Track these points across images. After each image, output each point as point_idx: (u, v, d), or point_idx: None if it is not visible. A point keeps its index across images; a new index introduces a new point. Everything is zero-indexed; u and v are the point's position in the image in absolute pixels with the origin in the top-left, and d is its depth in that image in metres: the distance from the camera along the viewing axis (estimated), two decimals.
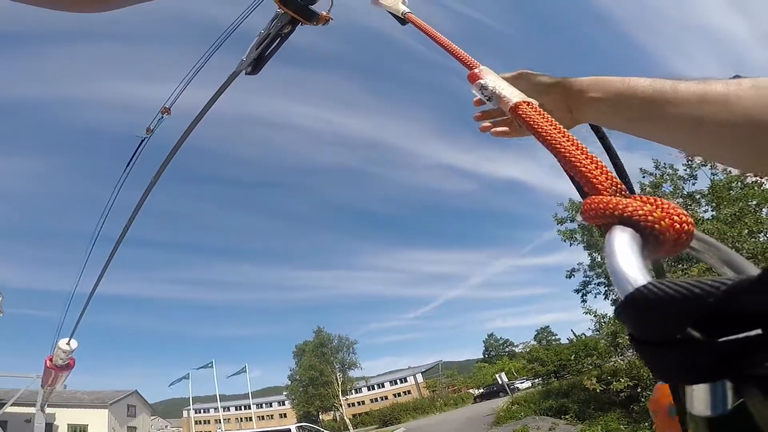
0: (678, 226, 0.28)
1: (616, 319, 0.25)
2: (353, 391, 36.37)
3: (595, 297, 14.13)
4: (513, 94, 0.59)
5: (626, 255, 0.25)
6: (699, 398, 0.19)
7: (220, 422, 38.08)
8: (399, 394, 57.16)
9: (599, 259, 13.34)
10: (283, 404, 57.03)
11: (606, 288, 13.69)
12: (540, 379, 20.14)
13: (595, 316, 12.02)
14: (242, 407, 59.35)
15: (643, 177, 10.91)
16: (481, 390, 36.82)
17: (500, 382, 26.07)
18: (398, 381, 61.59)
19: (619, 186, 0.37)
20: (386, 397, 57.67)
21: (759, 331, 0.16)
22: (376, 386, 62.01)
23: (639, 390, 9.88)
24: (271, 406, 64.29)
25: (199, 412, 63.55)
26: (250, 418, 40.30)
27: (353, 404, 57.89)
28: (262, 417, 62.67)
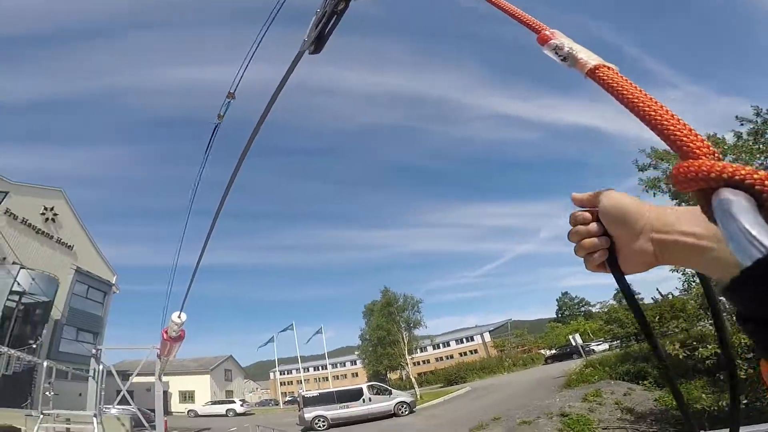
0: None
1: (734, 290, 0.23)
2: (418, 350, 37.87)
3: None
4: (591, 57, 0.57)
5: (751, 218, 0.24)
6: None
7: (301, 383, 42.96)
8: (465, 354, 58.64)
9: None
10: (355, 364, 62.09)
11: None
12: (618, 341, 19.22)
13: (683, 274, 10.91)
14: (320, 367, 65.87)
15: (741, 125, 9.30)
16: (553, 351, 36.32)
17: (574, 344, 25.40)
18: (464, 340, 62.97)
19: (714, 151, 0.37)
20: (452, 356, 59.62)
21: None
22: (441, 345, 64.12)
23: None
24: (344, 365, 70.39)
25: (283, 374, 72.01)
26: (327, 378, 44.68)
27: (418, 363, 60.84)
28: (337, 377, 69.03)
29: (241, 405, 32.75)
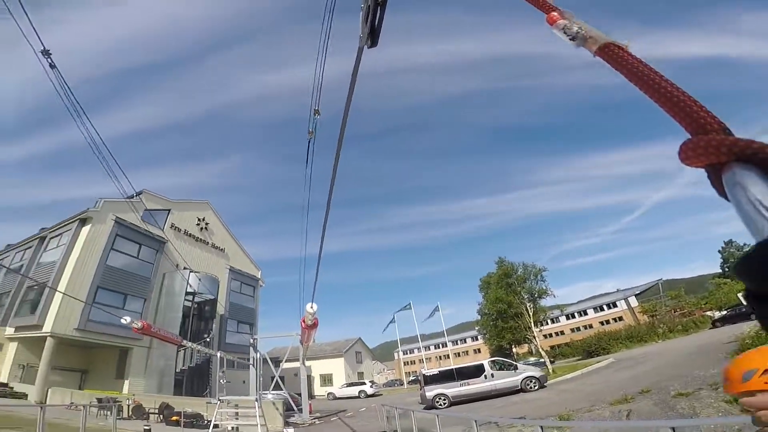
0: None
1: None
2: (548, 321, 35.83)
3: None
4: (600, 36, 0.61)
5: (765, 191, 0.24)
6: None
7: (423, 361, 45.18)
8: (607, 322, 53.30)
9: None
10: (476, 339, 62.17)
11: None
12: None
13: None
14: (440, 345, 68.06)
15: None
16: (723, 312, 30.36)
17: (745, 303, 20.84)
18: (605, 307, 57.22)
19: (726, 127, 0.37)
20: (590, 326, 54.83)
21: None
22: (576, 314, 59.47)
23: None
24: (465, 342, 71.19)
25: (406, 353, 76.55)
26: (448, 356, 45.98)
27: (549, 335, 57.54)
28: (458, 354, 70.26)
29: (371, 386, 35.34)
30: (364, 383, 36.80)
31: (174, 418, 15.28)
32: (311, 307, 9.35)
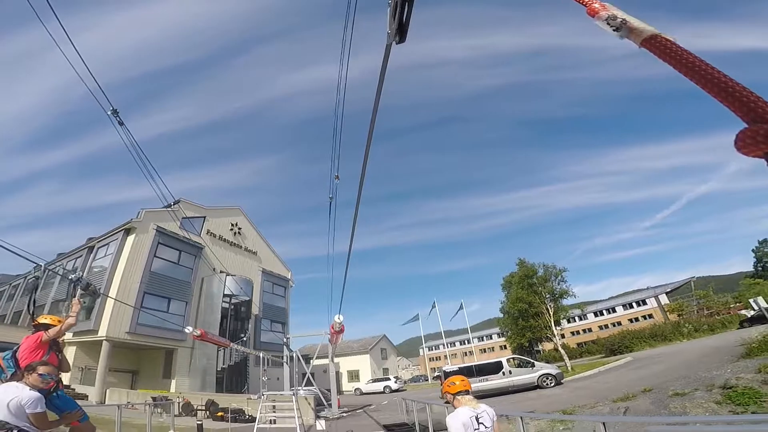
0: None
1: None
2: (574, 318, 36.75)
3: None
4: (646, 27, 0.62)
5: None
6: None
7: (447, 358, 46.95)
8: (636, 319, 53.44)
9: None
10: (501, 336, 63.44)
11: None
12: None
13: None
14: (465, 341, 69.56)
15: None
16: (752, 312, 30.59)
17: (756, 308, 21.30)
18: (634, 304, 57.24)
19: None
20: (619, 323, 55.05)
21: None
22: (605, 311, 59.77)
23: None
24: (491, 338, 72.46)
25: (431, 349, 78.37)
26: (472, 352, 47.55)
27: (577, 332, 58.21)
28: (484, 350, 71.58)
29: (395, 382, 37.00)
30: (389, 379, 38.31)
31: (219, 413, 16.69)
32: (338, 318, 11.22)
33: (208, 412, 17.50)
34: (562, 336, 35.30)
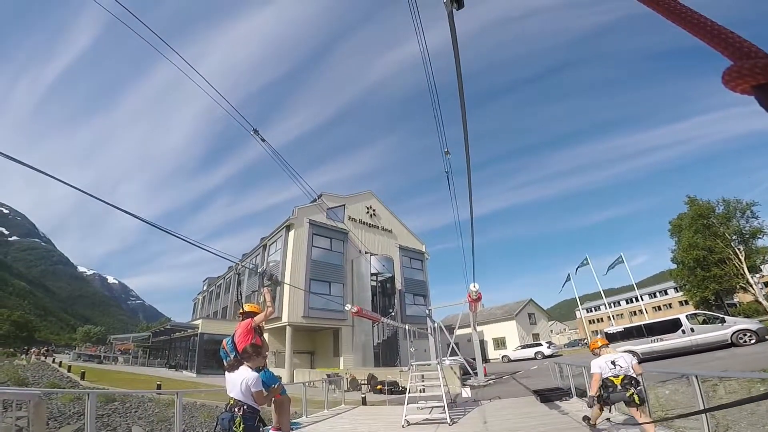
0: None
1: None
2: None
3: None
4: None
5: None
6: None
7: (611, 318, 42.87)
8: None
9: None
10: (679, 291, 54.61)
11: None
12: None
13: None
14: (633, 300, 61.98)
15: None
16: None
17: None
18: None
19: (764, 53, 0.41)
20: None
21: None
22: None
23: None
24: (666, 293, 62.82)
25: (590, 311, 71.90)
26: (642, 311, 42.39)
27: None
28: (658, 307, 62.68)
29: (548, 347, 35.92)
30: (540, 344, 37.52)
31: (378, 387, 18.16)
32: (474, 286, 12.10)
33: (369, 385, 19.11)
34: (766, 285, 29.07)
